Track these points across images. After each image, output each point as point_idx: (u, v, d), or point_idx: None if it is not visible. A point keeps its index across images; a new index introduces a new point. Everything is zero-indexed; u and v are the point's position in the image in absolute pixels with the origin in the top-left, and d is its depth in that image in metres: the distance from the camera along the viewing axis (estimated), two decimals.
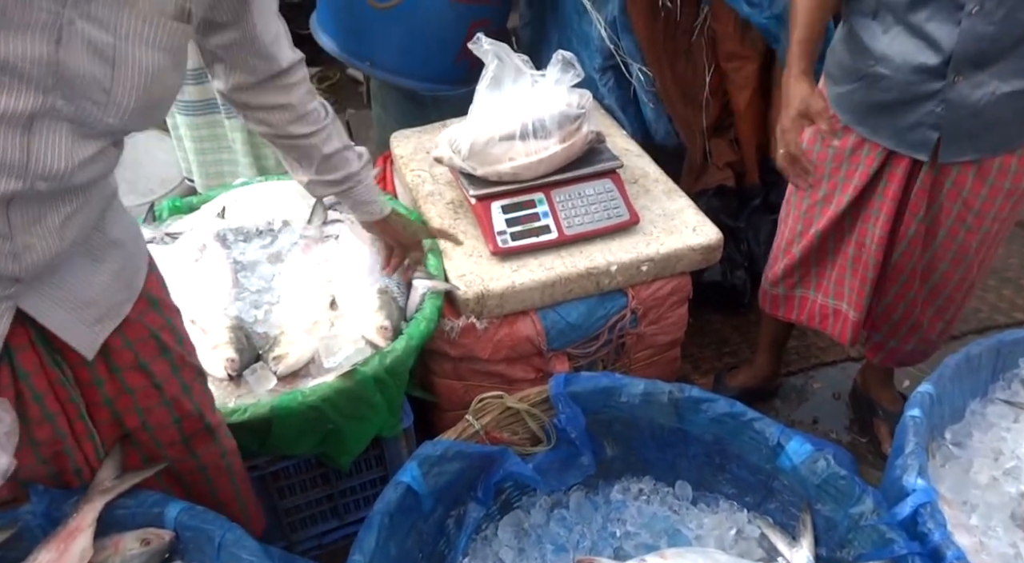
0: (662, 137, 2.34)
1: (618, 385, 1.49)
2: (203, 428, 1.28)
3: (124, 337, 1.14)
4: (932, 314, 1.82)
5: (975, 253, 1.70)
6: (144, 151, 3.05)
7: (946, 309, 1.82)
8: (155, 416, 1.21)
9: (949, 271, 1.73)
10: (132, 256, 1.15)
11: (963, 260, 1.71)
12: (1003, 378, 1.59)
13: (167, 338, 1.19)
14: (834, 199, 1.76)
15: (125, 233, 1.13)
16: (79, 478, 1.20)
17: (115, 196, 1.12)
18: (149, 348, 1.17)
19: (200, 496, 1.32)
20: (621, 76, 2.29)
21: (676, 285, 1.90)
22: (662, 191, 2.02)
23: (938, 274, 1.74)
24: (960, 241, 1.68)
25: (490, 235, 1.81)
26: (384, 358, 1.53)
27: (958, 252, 1.70)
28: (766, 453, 1.43)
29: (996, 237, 1.71)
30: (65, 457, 1.16)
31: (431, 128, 2.26)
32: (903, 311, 1.83)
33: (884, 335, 1.90)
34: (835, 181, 1.75)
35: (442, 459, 1.36)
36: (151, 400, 1.20)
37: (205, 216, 1.94)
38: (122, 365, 1.15)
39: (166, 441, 1.25)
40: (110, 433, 1.21)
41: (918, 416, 1.35)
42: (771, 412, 2.28)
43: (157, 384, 1.19)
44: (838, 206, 1.76)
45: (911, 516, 1.24)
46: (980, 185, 1.61)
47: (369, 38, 2.33)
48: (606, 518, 1.53)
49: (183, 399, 1.23)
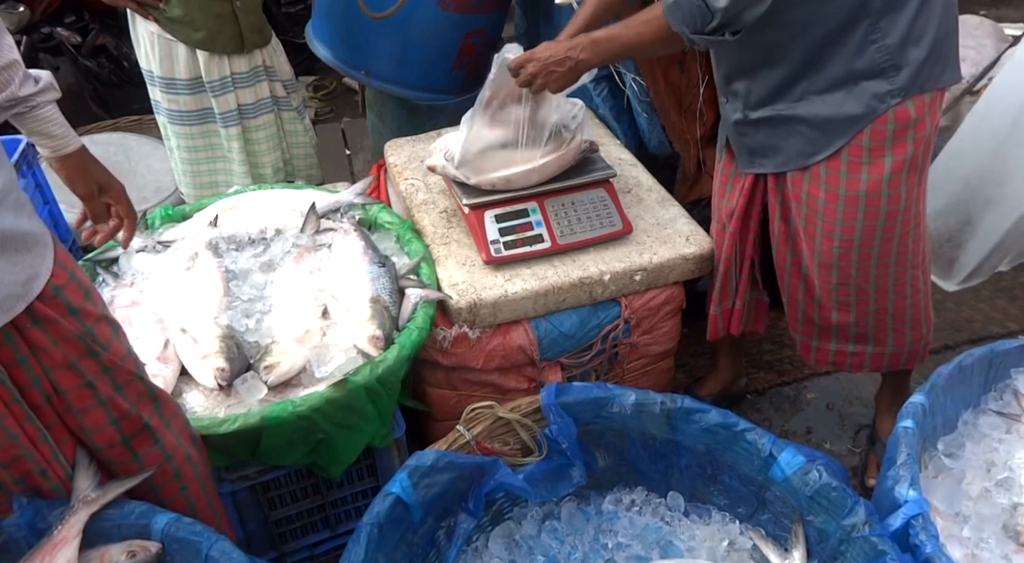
0: (656, 147, 2.34)
1: (610, 395, 1.49)
2: (143, 428, 1.27)
3: (49, 336, 1.14)
4: (839, 318, 1.77)
5: (841, 260, 1.66)
6: (138, 159, 3.05)
7: (862, 315, 1.74)
8: (92, 418, 1.21)
9: (822, 275, 1.72)
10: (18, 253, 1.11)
11: (829, 266, 1.68)
12: (995, 388, 1.60)
13: (92, 343, 1.19)
14: (722, 204, 1.87)
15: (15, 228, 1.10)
16: (46, 480, 1.20)
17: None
18: (78, 348, 1.17)
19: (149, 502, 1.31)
20: (615, 86, 2.30)
21: (669, 295, 1.90)
22: (655, 200, 2.02)
23: (815, 276, 1.73)
24: (819, 246, 1.67)
25: (483, 244, 1.80)
26: (376, 368, 1.52)
27: (822, 256, 1.68)
28: (758, 464, 1.43)
29: (865, 247, 1.64)
30: (26, 460, 1.16)
31: (425, 137, 2.27)
32: (804, 309, 1.82)
33: (802, 334, 1.88)
34: (722, 186, 1.86)
35: (432, 470, 1.35)
36: (86, 401, 1.20)
37: (197, 224, 1.94)
38: (52, 365, 1.15)
39: (105, 443, 1.25)
40: (61, 435, 1.21)
41: (910, 427, 1.35)
42: (764, 422, 2.27)
43: (90, 382, 1.19)
44: (729, 205, 1.84)
45: (903, 528, 1.24)
46: (816, 188, 1.62)
47: (365, 47, 2.33)
48: (598, 529, 1.53)
49: (118, 398, 1.23)
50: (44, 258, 1.14)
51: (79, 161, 1.39)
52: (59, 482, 1.22)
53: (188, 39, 2.26)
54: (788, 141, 1.62)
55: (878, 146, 1.53)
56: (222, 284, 1.75)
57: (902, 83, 1.48)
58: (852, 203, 1.59)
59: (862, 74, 1.49)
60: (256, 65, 2.40)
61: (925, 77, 1.49)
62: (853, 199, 1.59)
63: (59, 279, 1.15)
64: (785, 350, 2.50)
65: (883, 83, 1.48)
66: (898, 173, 1.55)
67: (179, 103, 2.40)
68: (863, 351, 1.83)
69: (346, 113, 3.96)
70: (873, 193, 1.57)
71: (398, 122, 2.62)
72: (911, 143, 1.53)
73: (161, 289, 1.75)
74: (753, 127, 1.65)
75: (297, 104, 2.59)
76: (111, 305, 1.71)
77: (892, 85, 1.48)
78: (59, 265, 1.16)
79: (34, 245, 1.12)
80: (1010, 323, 2.59)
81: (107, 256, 1.85)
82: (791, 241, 1.75)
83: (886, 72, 1.48)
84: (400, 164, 2.16)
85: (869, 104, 1.50)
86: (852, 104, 1.51)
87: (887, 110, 1.50)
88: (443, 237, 1.90)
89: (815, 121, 1.56)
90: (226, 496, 1.61)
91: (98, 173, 1.43)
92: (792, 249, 1.76)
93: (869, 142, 1.53)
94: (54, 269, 1.15)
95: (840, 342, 1.83)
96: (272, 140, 2.54)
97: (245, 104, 2.43)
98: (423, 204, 2.01)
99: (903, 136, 1.53)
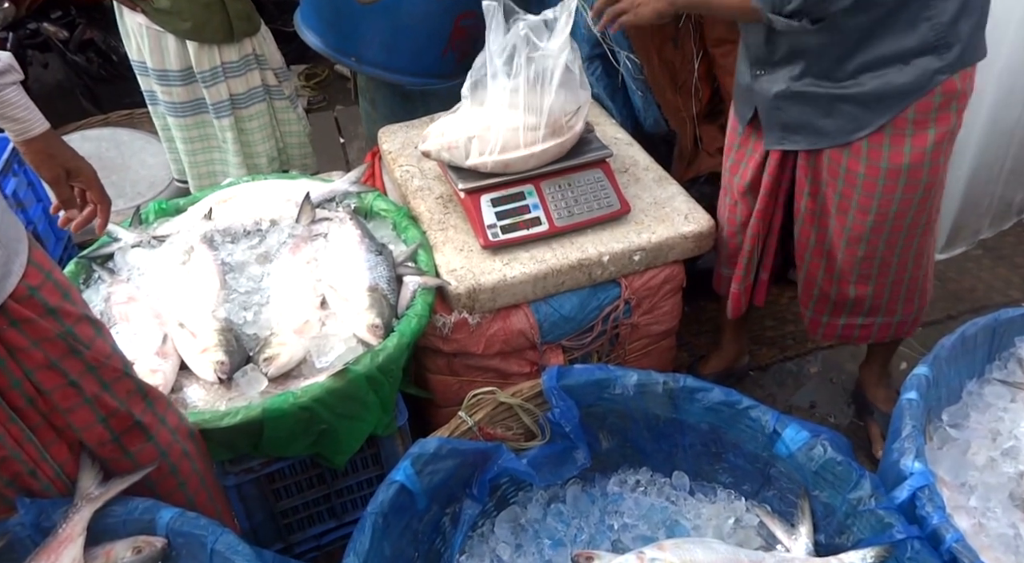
0: (651, 125, 2.32)
1: (612, 377, 1.48)
2: (134, 425, 1.26)
3: (28, 336, 1.12)
4: (856, 292, 1.78)
5: (873, 233, 1.67)
6: (131, 154, 3.03)
7: (880, 287, 1.76)
8: (79, 416, 1.20)
9: (849, 248, 1.71)
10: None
11: (859, 239, 1.68)
12: (999, 358, 1.58)
13: (74, 342, 1.18)
14: (734, 180, 1.86)
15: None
16: (36, 480, 1.19)
17: None
18: (59, 348, 1.16)
19: None
20: (609, 64, 2.27)
21: (669, 274, 1.89)
22: (653, 179, 2.00)
23: (841, 252, 1.73)
24: (852, 220, 1.67)
25: (480, 229, 1.79)
26: (376, 356, 1.52)
27: (852, 230, 1.68)
28: (762, 441, 1.42)
29: (899, 220, 1.65)
30: (13, 462, 1.16)
31: (419, 122, 2.25)
32: (821, 286, 1.82)
33: (813, 310, 1.88)
34: (735, 163, 1.85)
35: (435, 457, 1.35)
36: (71, 400, 1.19)
37: (192, 218, 1.92)
38: (33, 366, 1.14)
39: (95, 441, 1.24)
40: (48, 436, 1.20)
41: (914, 399, 1.34)
42: (767, 398, 2.27)
43: (74, 382, 1.18)
44: (742, 181, 1.83)
45: (909, 500, 1.24)
46: (856, 163, 1.60)
47: (354, 34, 2.30)
48: (603, 511, 1.52)
49: (105, 396, 1.22)
50: (17, 258, 1.12)
51: (44, 144, 1.37)
52: (49, 482, 1.21)
53: (176, 29, 2.24)
54: (827, 120, 1.60)
55: (923, 119, 1.53)
56: (219, 277, 1.74)
57: (952, 59, 1.47)
58: (893, 176, 1.58)
59: (915, 51, 1.47)
60: (246, 54, 2.37)
61: (971, 51, 1.50)
62: (895, 172, 1.58)
63: (33, 279, 1.13)
64: (787, 326, 2.49)
65: (934, 60, 1.48)
66: (940, 144, 1.56)
67: (172, 94, 2.38)
68: (872, 322, 1.83)
69: (339, 101, 3.93)
70: (916, 165, 1.57)
71: (391, 108, 2.60)
72: (954, 114, 1.54)
73: (157, 284, 1.74)
74: (792, 101, 1.62)
75: (289, 93, 2.57)
76: (108, 301, 1.70)
77: (943, 61, 1.48)
78: (34, 265, 1.14)
79: (6, 244, 1.10)
80: (1012, 291, 2.58)
81: (102, 252, 1.84)
82: (816, 218, 1.74)
83: (938, 49, 1.47)
84: (394, 151, 2.14)
85: (919, 80, 1.49)
86: (902, 81, 1.50)
87: (936, 86, 1.49)
88: (440, 223, 1.89)
89: (862, 99, 1.54)
90: (231, 489, 1.61)
91: (65, 157, 1.41)
92: (817, 226, 1.75)
93: (914, 115, 1.53)
94: (28, 269, 1.13)
95: (851, 316, 1.83)
96: (265, 129, 2.52)
97: (237, 94, 2.41)
98: (419, 190, 2.00)
99: (947, 108, 1.53)
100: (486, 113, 1.77)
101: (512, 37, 1.69)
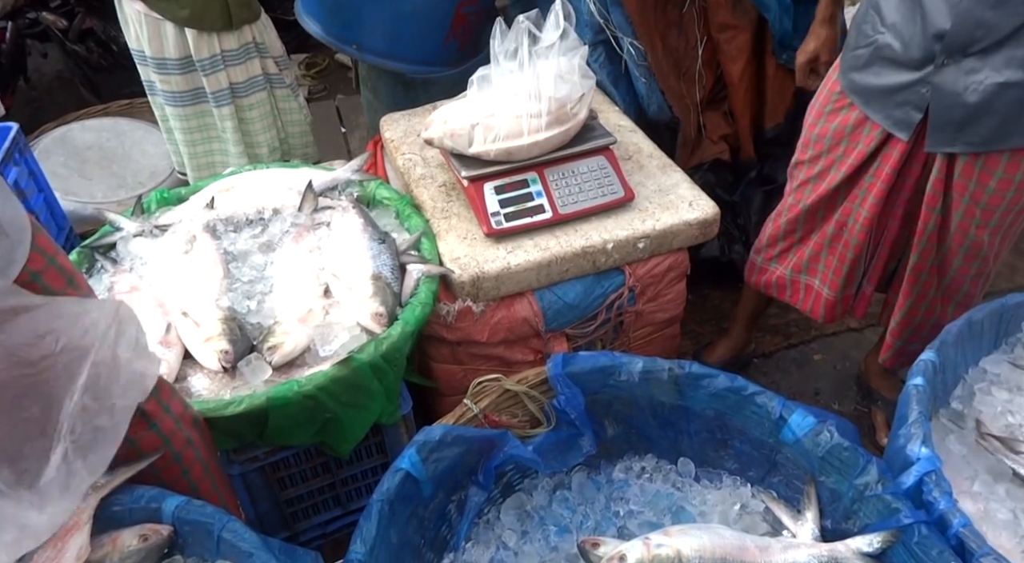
0: (655, 112, 2.31)
1: (617, 364, 1.48)
2: (137, 414, 1.25)
3: None
4: (953, 312, 1.74)
5: (988, 246, 1.63)
6: (132, 144, 3.02)
7: (965, 306, 1.74)
8: None
9: (963, 266, 1.67)
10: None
11: (976, 255, 1.65)
12: (1006, 343, 1.58)
13: None
14: (828, 175, 1.75)
15: None
16: None
17: None
18: None
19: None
20: (612, 51, 2.26)
21: (673, 261, 1.88)
22: (656, 166, 1.99)
23: (953, 270, 1.68)
24: (972, 237, 1.62)
25: (483, 217, 1.78)
26: (380, 345, 1.51)
27: (971, 247, 1.64)
28: (768, 427, 1.42)
29: (1011, 229, 1.63)
30: None
31: (421, 111, 2.23)
32: (924, 313, 1.77)
33: (906, 340, 1.83)
34: (832, 157, 1.74)
35: (441, 444, 1.34)
36: None
37: (194, 207, 1.91)
38: None
39: None
40: None
41: (921, 384, 1.33)
42: (771, 385, 2.27)
43: None
44: (831, 183, 1.75)
45: (916, 485, 1.23)
46: (987, 177, 1.53)
47: (355, 21, 2.29)
48: (609, 498, 1.52)
49: None
50: (20, 244, 1.11)
51: None
52: None
53: (174, 17, 2.22)
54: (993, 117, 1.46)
55: None
56: (221, 266, 1.73)
57: None
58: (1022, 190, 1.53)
59: None
60: (246, 42, 2.36)
61: None
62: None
63: (36, 264, 1.12)
64: (791, 313, 2.49)
65: None
66: None
67: (171, 83, 2.36)
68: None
69: (340, 90, 3.91)
70: None
71: (393, 97, 2.58)
72: None
73: (160, 273, 1.74)
74: (983, 94, 1.44)
75: (290, 81, 2.55)
76: (111, 291, 1.69)
77: None
78: (37, 250, 1.13)
79: (9, 230, 1.09)
80: (1018, 277, 2.57)
81: (105, 242, 1.83)
82: (938, 236, 1.66)
83: None
84: (397, 139, 2.13)
85: None
86: None
87: None
88: (443, 211, 1.88)
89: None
90: (236, 478, 1.61)
91: None
92: (938, 244, 1.67)
93: None
94: (31, 254, 1.12)
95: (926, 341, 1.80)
96: (266, 119, 2.51)
97: (237, 82, 2.39)
98: (421, 179, 1.99)
99: None
100: (489, 100, 1.76)
101: (515, 29, 1.70)
